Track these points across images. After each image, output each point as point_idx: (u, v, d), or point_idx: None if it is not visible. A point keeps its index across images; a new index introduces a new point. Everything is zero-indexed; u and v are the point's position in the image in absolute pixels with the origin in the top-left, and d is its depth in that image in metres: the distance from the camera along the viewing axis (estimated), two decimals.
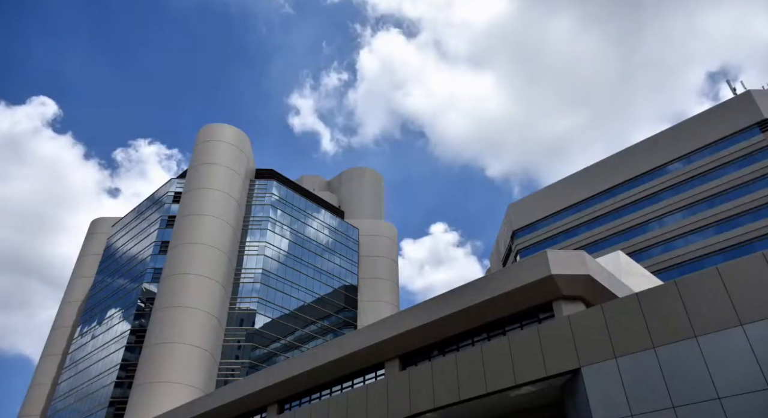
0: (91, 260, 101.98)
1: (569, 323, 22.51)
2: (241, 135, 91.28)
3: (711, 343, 18.64)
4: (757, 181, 66.89)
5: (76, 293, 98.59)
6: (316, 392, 36.38)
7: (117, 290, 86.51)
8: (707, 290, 19.68)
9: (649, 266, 68.43)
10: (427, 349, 31.12)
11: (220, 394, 41.77)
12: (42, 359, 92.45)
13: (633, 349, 20.19)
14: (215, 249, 76.68)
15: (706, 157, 73.06)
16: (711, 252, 66.54)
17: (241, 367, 72.82)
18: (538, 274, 25.89)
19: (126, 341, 75.28)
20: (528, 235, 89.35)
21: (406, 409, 26.11)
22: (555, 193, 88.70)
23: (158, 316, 70.07)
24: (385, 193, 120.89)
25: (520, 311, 27.67)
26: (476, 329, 29.21)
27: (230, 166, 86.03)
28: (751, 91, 73.04)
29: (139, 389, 64.56)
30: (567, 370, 21.63)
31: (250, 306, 78.67)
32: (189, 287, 71.65)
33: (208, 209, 79.68)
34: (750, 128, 70.57)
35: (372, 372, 33.45)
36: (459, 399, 24.31)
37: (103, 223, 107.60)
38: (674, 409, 18.32)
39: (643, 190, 77.22)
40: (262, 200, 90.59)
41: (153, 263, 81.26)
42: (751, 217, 65.28)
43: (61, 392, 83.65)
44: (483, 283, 28.35)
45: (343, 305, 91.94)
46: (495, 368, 23.75)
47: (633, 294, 21.61)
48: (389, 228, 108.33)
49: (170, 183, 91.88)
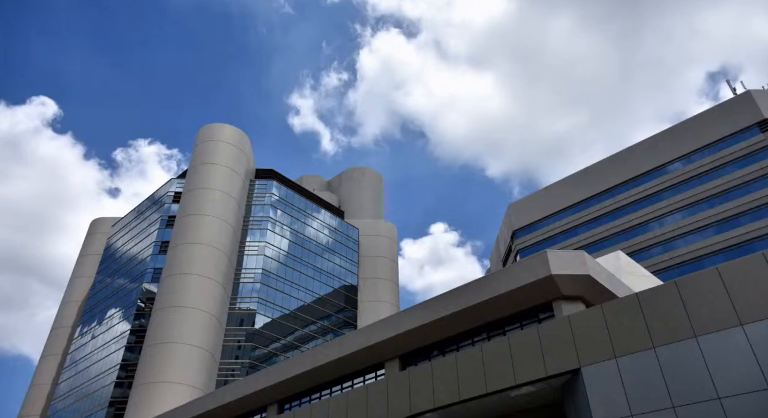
0: (91, 260, 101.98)
1: (569, 323, 22.50)
2: (241, 135, 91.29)
3: (711, 343, 18.63)
4: (757, 181, 66.88)
5: (76, 293, 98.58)
6: (316, 392, 36.38)
7: (117, 290, 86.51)
8: (707, 290, 19.67)
9: (649, 266, 68.42)
10: (427, 349, 31.11)
11: (220, 394, 41.77)
12: (42, 359, 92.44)
13: (633, 349, 20.18)
14: (215, 249, 76.67)
15: (706, 157, 73.05)
16: (711, 252, 66.53)
17: (241, 367, 72.82)
18: (538, 274, 25.88)
19: (126, 341, 75.27)
20: (528, 235, 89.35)
21: (406, 409, 26.10)
22: (555, 193, 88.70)
23: (158, 316, 70.08)
24: (385, 193, 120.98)
25: (520, 311, 27.66)
26: (476, 329, 29.20)
27: (230, 166, 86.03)
28: (751, 91, 73.05)
29: (139, 389, 64.55)
30: (567, 370, 21.62)
31: (250, 306, 78.65)
32: (189, 287, 71.65)
33: (208, 209, 79.68)
34: (750, 128, 70.57)
35: (372, 372, 33.45)
36: (459, 399, 24.30)
37: (103, 223, 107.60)
38: (674, 409, 18.32)
39: (643, 190, 77.21)
40: (262, 200, 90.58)
41: (153, 263, 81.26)
42: (751, 217, 65.27)
43: (61, 393, 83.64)
44: (483, 283, 28.35)
45: (343, 305, 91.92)
46: (495, 368, 23.74)
47: (633, 294, 21.60)
48: (389, 228, 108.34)
49: (170, 183, 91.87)
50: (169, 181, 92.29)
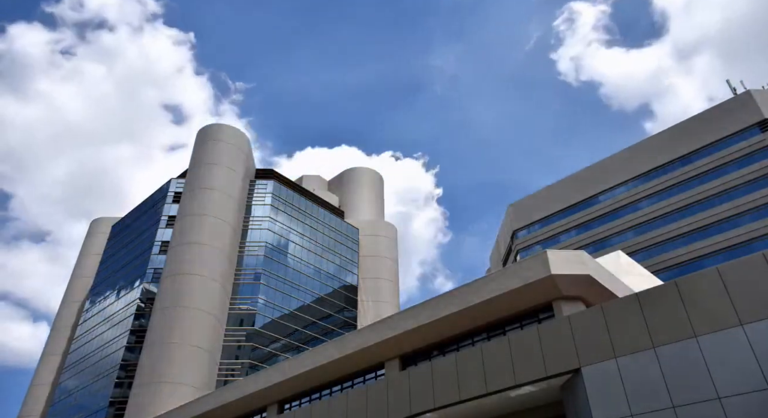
0: (91, 260, 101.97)
1: (569, 323, 22.50)
2: (241, 134, 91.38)
3: (711, 343, 18.64)
4: (757, 181, 66.88)
5: (76, 293, 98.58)
6: (316, 392, 36.40)
7: (117, 290, 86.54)
8: (707, 290, 19.68)
9: (649, 266, 68.39)
10: (427, 349, 31.13)
11: (220, 394, 41.80)
12: (42, 359, 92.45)
13: (633, 349, 20.19)
14: (215, 249, 76.69)
15: (705, 157, 73.06)
16: (711, 252, 66.52)
17: (241, 367, 72.81)
18: (538, 274, 25.89)
19: (126, 341, 75.27)
20: (528, 235, 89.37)
21: (406, 409, 26.11)
22: (555, 193, 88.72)
23: (158, 316, 70.11)
24: (385, 192, 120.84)
25: (520, 311, 27.69)
26: (476, 329, 29.22)
27: (230, 166, 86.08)
28: (751, 91, 73.13)
29: (139, 389, 64.58)
30: (567, 370, 21.63)
31: (250, 306, 78.65)
32: (189, 286, 71.67)
33: (208, 208, 79.72)
34: (750, 128, 70.59)
35: (372, 372, 33.49)
36: (459, 399, 24.30)
37: (103, 223, 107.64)
38: (674, 409, 18.32)
39: (643, 190, 77.22)
40: (262, 200, 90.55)
41: (153, 263, 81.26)
42: (751, 217, 65.27)
43: (61, 393, 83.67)
44: (483, 283, 28.35)
45: (343, 305, 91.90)
46: (495, 368, 23.75)
47: (633, 294, 21.61)
48: (389, 228, 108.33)
49: (170, 183, 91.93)
50: (169, 181, 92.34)
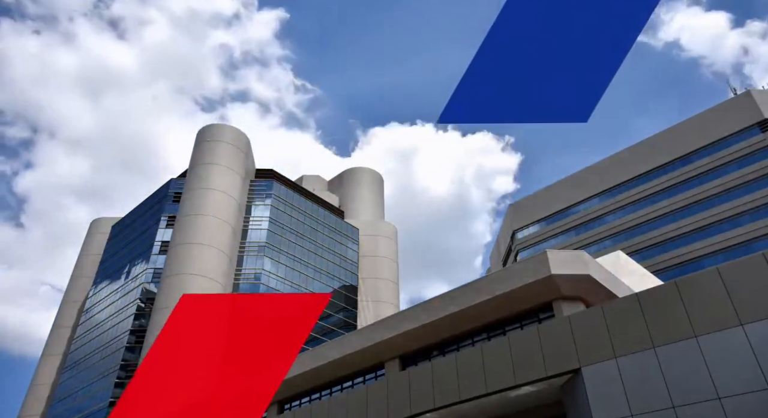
0: (91, 260, 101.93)
1: (569, 323, 22.50)
2: (241, 135, 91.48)
3: (711, 343, 18.64)
4: (757, 181, 66.88)
5: (76, 293, 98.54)
6: (316, 392, 36.39)
7: (117, 290, 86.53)
8: (707, 290, 19.68)
9: (649, 266, 68.37)
10: (427, 349, 31.13)
11: None
12: (42, 359, 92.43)
13: (633, 349, 20.18)
14: (215, 249, 76.74)
15: (705, 157, 73.06)
16: (711, 252, 66.52)
17: None
18: (538, 274, 25.90)
19: (126, 341, 75.28)
20: (528, 235, 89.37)
21: (406, 409, 26.11)
22: (555, 193, 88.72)
23: (158, 316, 70.19)
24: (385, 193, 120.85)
25: (520, 311, 27.69)
26: (476, 329, 29.23)
27: (230, 166, 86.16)
28: (751, 91, 73.13)
29: None
30: (567, 370, 21.63)
31: None
32: (189, 287, 71.73)
33: (208, 208, 79.79)
34: (750, 128, 70.59)
35: (372, 372, 33.47)
36: (459, 399, 24.30)
37: (103, 223, 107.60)
38: (674, 409, 18.32)
39: (643, 190, 77.21)
40: (262, 200, 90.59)
41: (153, 263, 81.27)
42: (751, 217, 65.27)
43: (62, 393, 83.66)
44: (483, 283, 28.36)
45: (343, 305, 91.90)
46: (495, 368, 23.75)
47: (633, 294, 21.61)
48: (389, 228, 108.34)
49: (170, 183, 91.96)
50: (169, 181, 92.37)
